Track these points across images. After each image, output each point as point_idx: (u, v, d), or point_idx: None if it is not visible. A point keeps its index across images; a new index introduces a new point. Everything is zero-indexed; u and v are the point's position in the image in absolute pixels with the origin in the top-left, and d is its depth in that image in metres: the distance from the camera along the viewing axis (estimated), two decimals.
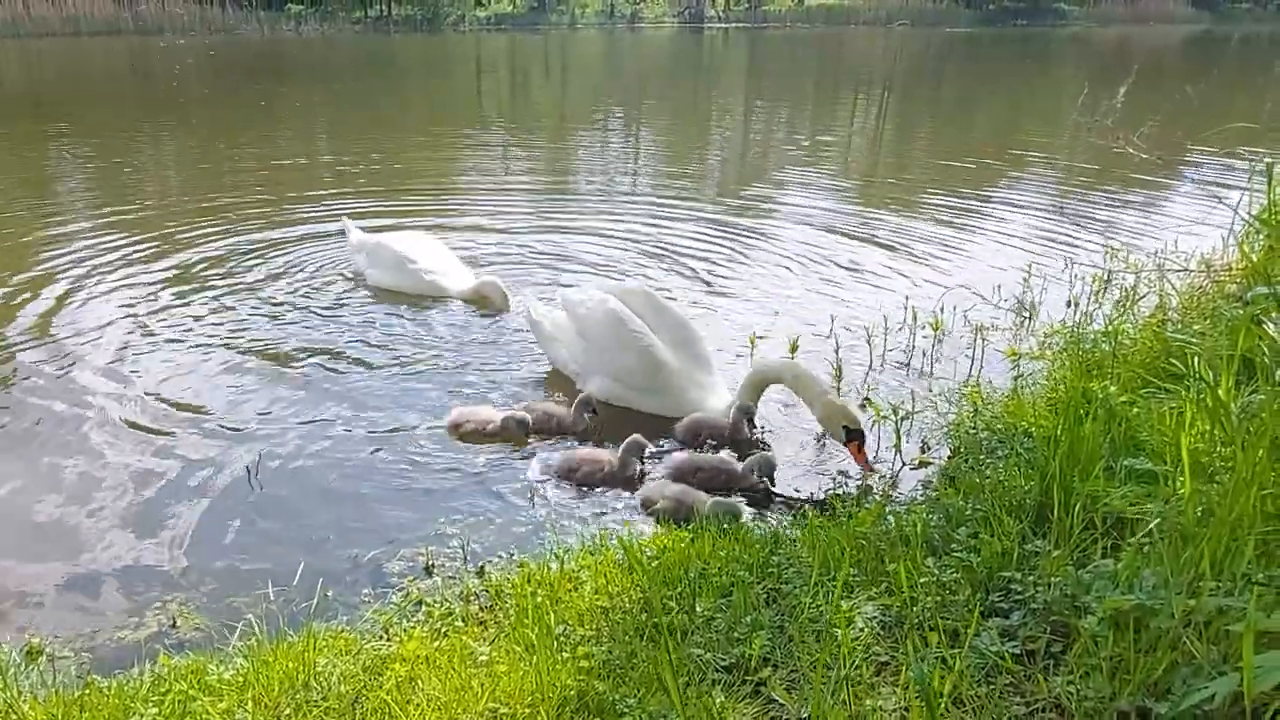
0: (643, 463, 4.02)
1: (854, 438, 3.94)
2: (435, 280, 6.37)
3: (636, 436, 4.01)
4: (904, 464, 4.06)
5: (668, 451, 4.21)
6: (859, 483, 3.94)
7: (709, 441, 4.29)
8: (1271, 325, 2.77)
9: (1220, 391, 2.65)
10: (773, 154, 13.38)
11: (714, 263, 7.24)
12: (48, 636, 3.05)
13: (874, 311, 5.84)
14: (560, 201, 9.84)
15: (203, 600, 3.24)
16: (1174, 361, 3.43)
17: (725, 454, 4.12)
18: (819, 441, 4.33)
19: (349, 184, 10.45)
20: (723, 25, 45.03)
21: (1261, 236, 4.38)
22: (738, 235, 8.08)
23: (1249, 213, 4.57)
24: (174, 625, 3.09)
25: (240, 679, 2.41)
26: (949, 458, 3.95)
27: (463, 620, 2.83)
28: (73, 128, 14.82)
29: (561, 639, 2.45)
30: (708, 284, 6.71)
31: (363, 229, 7.12)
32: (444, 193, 10.11)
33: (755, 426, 4.36)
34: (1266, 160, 4.46)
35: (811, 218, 8.70)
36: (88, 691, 2.59)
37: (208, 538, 3.63)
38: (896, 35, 39.44)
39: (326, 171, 11.26)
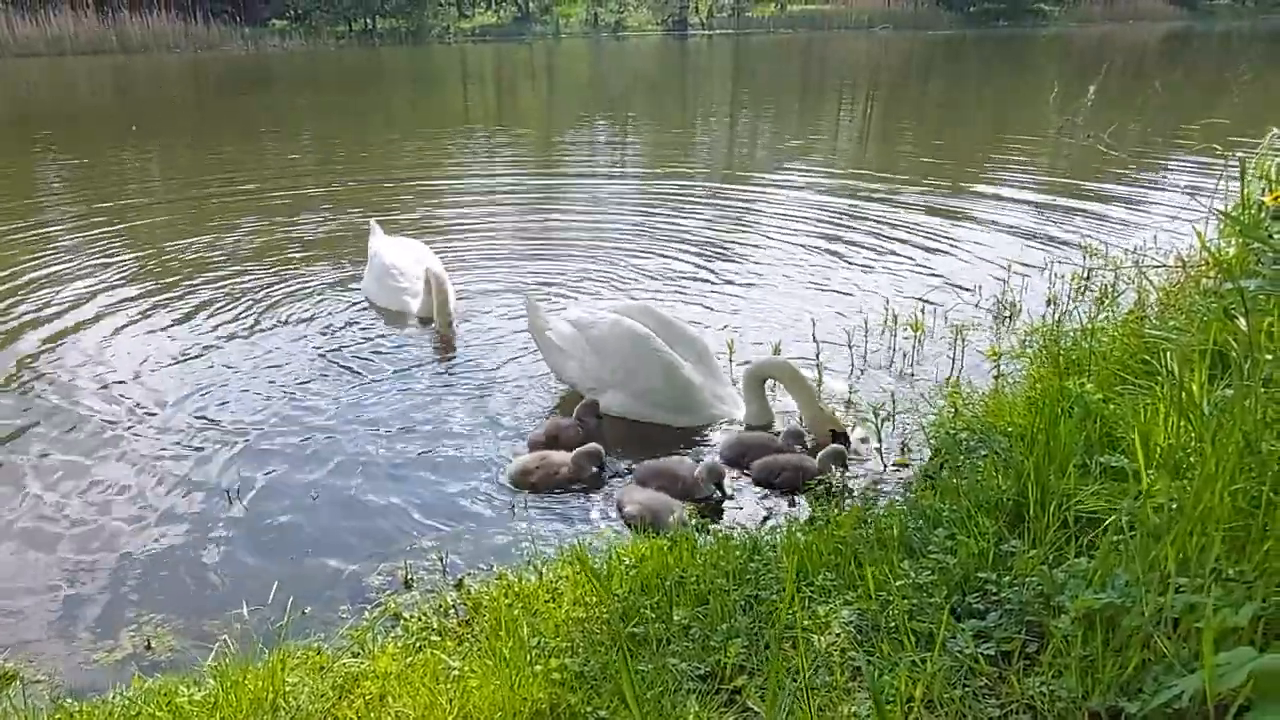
0: (603, 469, 4.12)
1: (838, 440, 4.17)
2: (405, 299, 6.19)
3: (595, 445, 4.11)
4: (885, 466, 4.06)
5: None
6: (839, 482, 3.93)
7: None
8: (1242, 319, 2.77)
9: (1194, 386, 2.65)
10: (757, 157, 13.42)
11: (696, 264, 7.25)
12: (22, 661, 3.01)
13: (855, 313, 5.84)
14: (544, 206, 9.88)
15: (179, 621, 3.21)
16: (1148, 358, 3.44)
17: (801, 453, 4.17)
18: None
19: (342, 189, 10.49)
20: (706, 32, 45.15)
21: (1235, 233, 4.39)
22: (721, 237, 8.10)
23: (1221, 208, 4.59)
24: (149, 647, 3.06)
25: (210, 700, 2.38)
26: (929, 459, 3.95)
27: (439, 634, 2.80)
28: (62, 141, 14.78)
29: (535, 651, 2.43)
30: (689, 285, 6.71)
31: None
32: (436, 197, 10.12)
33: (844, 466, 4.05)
34: (1239, 155, 4.48)
35: (794, 219, 8.73)
36: (59, 716, 2.56)
37: (185, 557, 3.59)
38: (879, 39, 39.62)
39: (321, 178, 11.25)
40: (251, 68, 30.96)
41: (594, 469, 4.07)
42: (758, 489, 3.99)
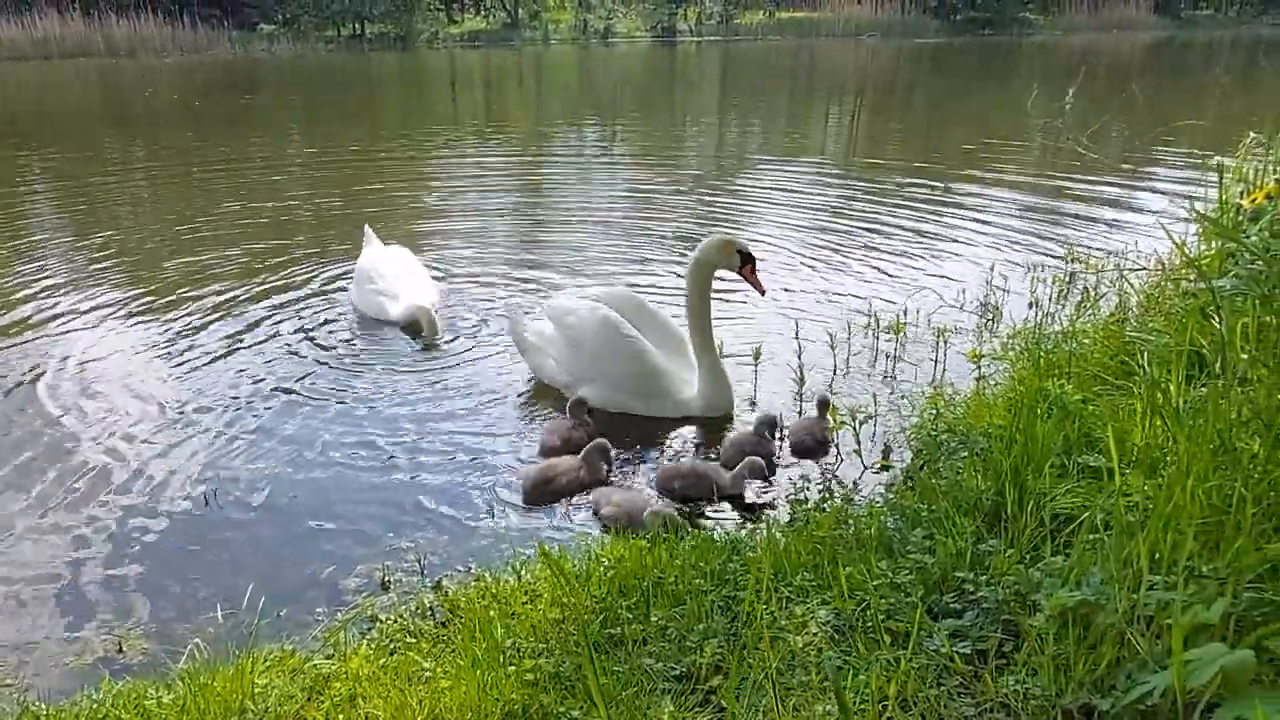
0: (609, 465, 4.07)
1: (747, 261, 4.31)
2: (382, 302, 6.05)
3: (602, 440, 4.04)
4: (865, 467, 4.06)
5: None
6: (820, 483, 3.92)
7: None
8: (1217, 319, 2.78)
9: (1171, 386, 2.66)
10: (743, 161, 13.44)
11: (681, 265, 7.23)
12: None
13: (838, 315, 5.84)
14: (535, 205, 9.90)
15: (151, 624, 3.17)
16: (1127, 359, 3.45)
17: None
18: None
19: (336, 189, 10.45)
20: (695, 39, 45.26)
21: (1213, 234, 4.41)
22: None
23: (1200, 210, 4.61)
24: (120, 650, 3.02)
25: (179, 703, 2.34)
26: (910, 460, 3.95)
27: (415, 636, 2.78)
28: (51, 145, 14.67)
29: (510, 652, 2.41)
30: (675, 286, 6.69)
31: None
32: (429, 192, 10.09)
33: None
34: (1216, 159, 4.51)
35: (779, 221, 8.73)
36: (25, 719, 2.52)
37: (160, 559, 3.55)
38: (867, 47, 39.82)
39: (312, 181, 11.20)
40: (241, 71, 30.82)
41: (605, 465, 4.02)
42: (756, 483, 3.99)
